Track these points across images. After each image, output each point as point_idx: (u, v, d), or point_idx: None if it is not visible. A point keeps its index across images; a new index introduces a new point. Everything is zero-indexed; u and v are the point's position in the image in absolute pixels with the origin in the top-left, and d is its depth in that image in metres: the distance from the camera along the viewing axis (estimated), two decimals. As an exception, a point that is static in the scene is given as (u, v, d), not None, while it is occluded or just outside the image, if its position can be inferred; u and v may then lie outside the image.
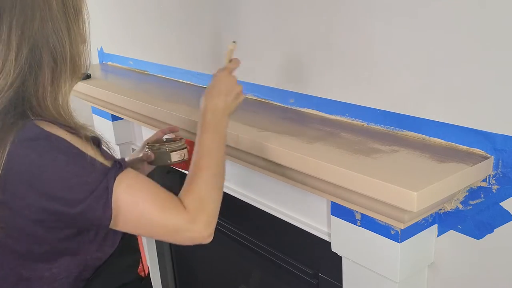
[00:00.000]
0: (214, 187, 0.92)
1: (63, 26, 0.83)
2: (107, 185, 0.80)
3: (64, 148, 0.79)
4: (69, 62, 0.84)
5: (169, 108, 1.40)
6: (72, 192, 0.78)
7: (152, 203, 0.84)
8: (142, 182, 0.86)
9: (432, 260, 1.08)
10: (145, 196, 0.84)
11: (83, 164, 0.79)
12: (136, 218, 0.83)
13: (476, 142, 0.96)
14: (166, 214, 0.84)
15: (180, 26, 1.65)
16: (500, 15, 0.86)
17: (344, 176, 0.95)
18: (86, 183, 0.79)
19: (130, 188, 0.83)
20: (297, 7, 1.22)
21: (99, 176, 0.80)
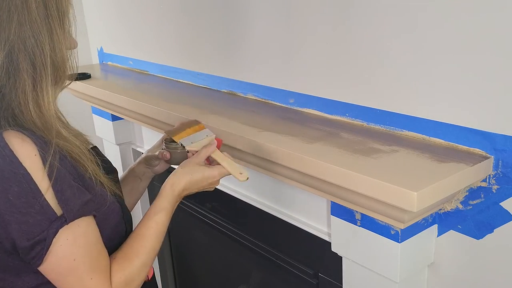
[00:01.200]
0: (146, 269, 0.91)
1: (43, 29, 0.79)
2: (46, 236, 0.78)
3: (21, 178, 0.76)
4: (51, 68, 0.80)
5: (169, 108, 1.40)
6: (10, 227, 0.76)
7: (87, 264, 0.82)
8: (86, 240, 0.83)
9: (432, 260, 1.08)
10: (83, 255, 0.82)
11: (32, 204, 0.76)
12: (65, 271, 0.81)
13: (476, 142, 0.96)
14: (92, 281, 0.83)
15: (180, 26, 1.65)
16: (498, 15, 0.86)
17: (344, 176, 0.94)
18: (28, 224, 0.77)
19: (72, 242, 0.80)
20: (297, 7, 1.22)
21: (44, 222, 0.77)
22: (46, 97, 0.81)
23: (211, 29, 1.52)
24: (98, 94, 1.75)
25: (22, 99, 0.79)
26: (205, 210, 1.73)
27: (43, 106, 0.81)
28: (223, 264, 1.84)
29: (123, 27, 1.98)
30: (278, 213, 1.35)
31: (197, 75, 1.65)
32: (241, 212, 1.53)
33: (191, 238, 1.99)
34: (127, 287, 0.87)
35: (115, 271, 0.87)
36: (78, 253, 0.81)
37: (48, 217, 0.78)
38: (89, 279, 0.82)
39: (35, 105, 0.80)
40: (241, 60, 1.44)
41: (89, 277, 0.82)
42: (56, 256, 0.80)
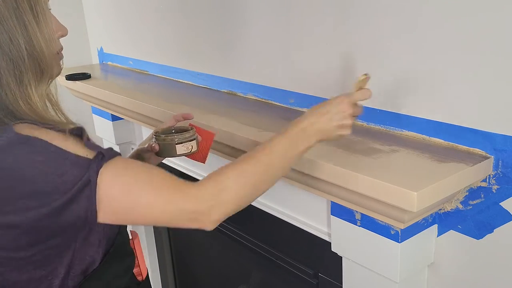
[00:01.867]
0: (246, 183, 0.83)
1: (14, 23, 0.76)
2: (89, 178, 0.75)
3: (41, 148, 0.75)
4: (29, 61, 0.78)
5: (169, 108, 1.40)
6: (55, 191, 0.74)
7: (146, 187, 0.79)
8: (133, 169, 0.80)
9: (432, 260, 1.08)
10: (137, 182, 0.79)
11: (62, 162, 0.75)
12: (129, 206, 0.78)
13: (476, 142, 0.96)
14: (164, 196, 0.79)
15: (180, 26, 1.65)
16: (497, 15, 0.86)
17: (344, 176, 0.94)
18: (67, 181, 0.74)
19: (118, 176, 0.78)
20: (297, 7, 1.22)
21: (81, 170, 0.75)
22: (32, 91, 0.79)
23: (211, 29, 1.52)
24: (98, 94, 1.75)
25: (10, 97, 0.78)
26: (205, 210, 1.73)
27: (32, 100, 0.79)
28: (223, 264, 1.84)
29: (123, 27, 1.98)
30: (278, 213, 1.35)
31: (197, 75, 1.65)
32: (241, 212, 1.53)
33: (191, 238, 1.99)
34: (219, 190, 0.81)
35: (207, 176, 0.81)
36: (130, 183, 0.78)
37: (83, 165, 0.76)
38: (157, 195, 0.78)
39: (24, 101, 0.78)
40: (241, 60, 1.44)
41: (157, 193, 0.78)
42: (110, 197, 0.77)
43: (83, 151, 0.78)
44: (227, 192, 0.82)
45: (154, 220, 0.83)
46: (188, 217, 0.81)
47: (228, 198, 0.82)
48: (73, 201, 0.75)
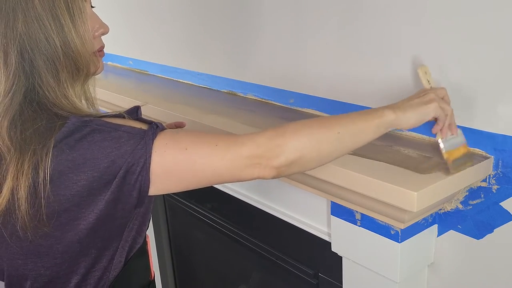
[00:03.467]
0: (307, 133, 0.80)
1: (50, 23, 0.77)
2: (145, 146, 0.76)
3: (98, 127, 0.77)
4: (65, 60, 0.79)
5: (169, 108, 1.40)
6: (114, 163, 0.75)
7: (202, 142, 0.79)
8: (187, 131, 0.82)
9: (432, 260, 1.08)
10: (192, 140, 0.79)
11: (119, 135, 0.76)
12: (188, 164, 0.78)
13: (476, 142, 0.96)
14: (221, 145, 0.78)
15: (180, 26, 1.65)
16: (498, 14, 0.86)
17: (344, 176, 0.94)
18: (126, 152, 0.76)
19: (173, 138, 0.79)
20: (299, 7, 1.22)
21: (137, 140, 0.76)
22: (70, 89, 0.81)
23: (211, 29, 1.52)
24: (98, 94, 1.74)
25: (53, 95, 0.79)
26: (205, 210, 1.73)
27: (71, 98, 0.81)
28: (223, 264, 1.84)
29: (123, 27, 1.98)
30: (278, 213, 1.35)
31: (197, 75, 1.65)
32: (241, 212, 1.53)
33: (191, 238, 1.99)
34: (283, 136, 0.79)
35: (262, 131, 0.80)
36: (186, 142, 0.78)
37: (138, 134, 0.77)
38: (214, 146, 0.78)
39: (64, 98, 0.80)
40: (241, 60, 1.44)
41: (214, 144, 0.78)
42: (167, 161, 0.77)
43: (138, 124, 0.80)
44: (285, 138, 0.79)
45: (212, 174, 0.80)
46: (247, 162, 0.79)
47: (286, 143, 0.79)
48: (129, 171, 0.76)
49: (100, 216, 0.79)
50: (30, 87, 0.78)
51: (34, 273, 0.84)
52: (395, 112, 0.83)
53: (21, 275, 0.85)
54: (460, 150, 0.92)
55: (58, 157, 0.75)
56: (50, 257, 0.82)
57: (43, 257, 0.82)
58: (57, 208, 0.76)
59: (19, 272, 0.85)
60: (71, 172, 0.75)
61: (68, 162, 0.75)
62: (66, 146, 0.75)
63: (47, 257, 0.82)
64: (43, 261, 0.83)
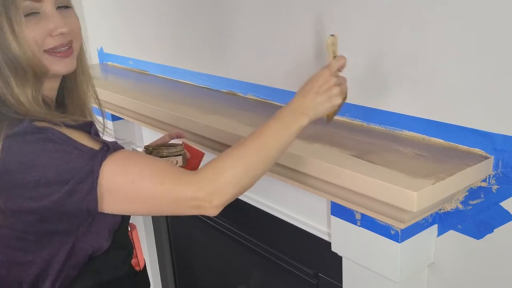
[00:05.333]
0: (242, 167, 0.84)
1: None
2: (92, 168, 0.79)
3: (53, 136, 0.80)
4: (6, 66, 0.83)
5: (169, 108, 1.40)
6: (60, 176, 0.78)
7: (149, 177, 0.82)
8: (136, 160, 0.84)
9: (432, 260, 1.08)
10: (140, 172, 0.82)
11: (70, 150, 0.80)
12: (133, 195, 0.82)
13: (476, 142, 0.96)
14: (166, 185, 0.81)
15: (180, 26, 1.65)
16: (497, 16, 0.86)
17: (344, 176, 0.94)
18: (73, 168, 0.79)
19: (122, 167, 0.81)
20: (297, 7, 1.22)
21: (86, 160, 0.80)
22: (19, 90, 0.84)
23: (211, 29, 1.52)
24: (98, 94, 1.75)
25: (7, 100, 0.84)
26: (205, 210, 1.73)
27: (24, 101, 0.84)
28: (223, 264, 1.84)
29: (123, 27, 1.98)
30: (278, 213, 1.35)
31: (197, 75, 1.65)
32: (241, 212, 1.53)
33: (191, 238, 1.99)
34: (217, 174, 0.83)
35: (203, 167, 0.84)
36: (133, 173, 0.81)
37: (89, 154, 0.81)
38: (159, 185, 0.81)
39: (18, 102, 0.84)
40: (241, 60, 1.44)
41: (159, 183, 0.81)
42: (112, 191, 0.81)
43: (90, 143, 0.83)
44: (224, 177, 0.83)
45: (157, 209, 0.85)
46: (190, 204, 0.83)
47: (226, 182, 0.83)
48: (75, 190, 0.79)
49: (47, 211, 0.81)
50: None
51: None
52: (309, 116, 0.89)
53: None
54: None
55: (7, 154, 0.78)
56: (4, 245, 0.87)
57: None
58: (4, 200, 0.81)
59: None
60: (19, 173, 0.79)
61: (16, 162, 0.78)
62: (16, 143, 0.79)
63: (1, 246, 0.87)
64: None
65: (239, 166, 0.84)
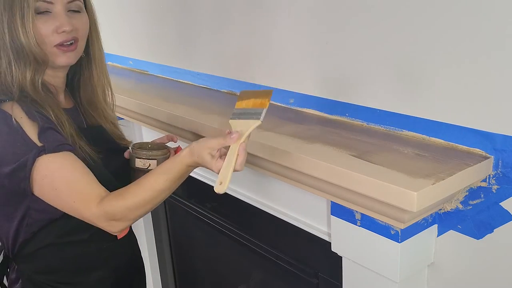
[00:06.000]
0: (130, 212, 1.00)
1: (5, 20, 1.00)
2: (27, 160, 0.96)
3: (9, 123, 0.98)
4: (11, 51, 1.01)
5: (169, 108, 1.40)
6: (5, 156, 0.98)
7: (67, 192, 1.00)
8: (64, 174, 1.00)
9: (432, 260, 1.08)
10: (61, 185, 0.99)
11: (18, 138, 0.98)
12: (53, 196, 1.00)
13: (476, 142, 0.96)
14: (77, 204, 0.99)
15: (180, 26, 1.65)
16: (497, 16, 0.86)
17: (344, 176, 0.94)
18: (15, 153, 0.97)
19: (51, 173, 0.98)
20: (296, 7, 1.22)
21: (27, 150, 0.97)
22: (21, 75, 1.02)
23: (211, 29, 1.52)
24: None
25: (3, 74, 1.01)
26: (205, 210, 1.73)
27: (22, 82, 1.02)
28: (223, 264, 1.84)
29: (123, 27, 1.98)
30: (278, 213, 1.35)
31: (197, 75, 1.65)
32: (241, 212, 1.53)
33: (191, 238, 1.99)
34: (107, 216, 0.99)
35: (106, 200, 0.99)
36: (58, 183, 0.99)
37: (30, 147, 0.98)
38: (72, 202, 1.00)
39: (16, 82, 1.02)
40: (241, 60, 1.44)
41: (72, 200, 0.99)
42: (40, 187, 0.99)
43: (35, 139, 0.98)
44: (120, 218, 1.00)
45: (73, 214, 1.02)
46: (94, 222, 1.01)
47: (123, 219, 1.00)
48: (14, 173, 0.97)
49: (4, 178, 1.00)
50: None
51: None
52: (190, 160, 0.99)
53: None
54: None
55: None
56: None
57: None
58: None
59: None
60: None
61: None
62: None
63: None
64: None
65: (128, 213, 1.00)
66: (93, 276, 1.16)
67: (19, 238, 1.09)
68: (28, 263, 1.12)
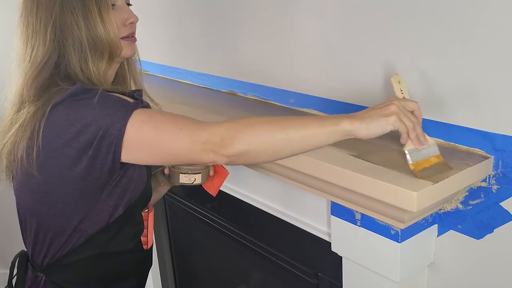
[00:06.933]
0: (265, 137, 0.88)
1: (80, 14, 0.97)
2: (125, 113, 0.91)
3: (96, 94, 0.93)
4: (88, 44, 0.98)
5: (168, 108, 1.40)
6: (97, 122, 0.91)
7: (171, 123, 0.93)
8: (163, 112, 0.97)
9: (432, 260, 1.08)
10: (163, 121, 0.93)
11: (108, 101, 0.93)
12: (156, 140, 0.93)
13: (476, 142, 0.96)
14: (185, 129, 0.92)
15: (180, 26, 1.65)
16: (496, 15, 0.86)
17: (344, 176, 0.94)
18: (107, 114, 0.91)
19: (149, 116, 0.93)
20: (295, 8, 1.23)
21: (119, 107, 0.92)
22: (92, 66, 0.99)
23: (211, 29, 1.52)
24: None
25: (73, 68, 0.98)
26: (205, 210, 1.73)
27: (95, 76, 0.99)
28: (223, 264, 1.84)
29: (123, 27, 1.97)
30: (278, 213, 1.35)
31: (197, 75, 1.65)
32: (241, 212, 1.53)
33: (191, 238, 1.99)
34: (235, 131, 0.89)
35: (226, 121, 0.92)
36: (158, 121, 0.93)
37: (122, 103, 0.94)
38: (178, 129, 0.92)
39: (82, 72, 0.99)
40: (241, 60, 1.44)
41: (178, 127, 0.92)
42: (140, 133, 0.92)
43: (129, 99, 0.97)
44: (238, 131, 0.89)
45: (173, 152, 0.94)
46: (203, 147, 0.90)
47: (238, 136, 0.89)
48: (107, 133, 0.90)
49: (82, 169, 0.93)
50: (60, 60, 0.99)
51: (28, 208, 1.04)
52: (352, 122, 0.85)
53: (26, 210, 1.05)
54: (430, 160, 0.91)
55: (55, 112, 0.92)
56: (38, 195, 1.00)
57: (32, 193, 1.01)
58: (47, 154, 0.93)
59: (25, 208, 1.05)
60: (64, 124, 0.91)
61: (63, 115, 0.92)
62: (64, 104, 0.92)
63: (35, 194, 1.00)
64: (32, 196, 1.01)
65: (254, 130, 0.89)
66: (122, 286, 1.13)
67: (66, 246, 1.03)
68: (63, 273, 1.06)
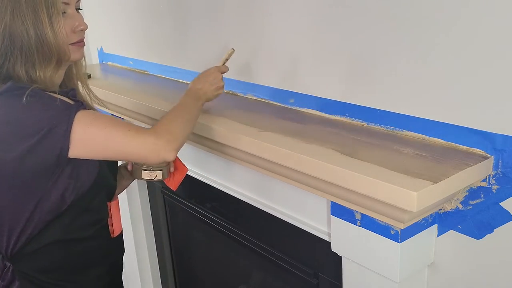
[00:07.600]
0: (182, 124, 1.11)
1: (30, 23, 1.00)
2: (69, 114, 0.99)
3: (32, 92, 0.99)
4: (36, 50, 1.02)
5: (168, 108, 1.40)
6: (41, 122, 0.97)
7: (119, 125, 1.03)
8: (106, 115, 1.05)
9: (432, 260, 1.08)
10: (111, 121, 1.03)
11: (50, 103, 0.99)
12: (104, 140, 1.01)
13: (476, 142, 0.96)
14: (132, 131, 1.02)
15: (180, 26, 1.65)
16: (496, 16, 0.87)
17: (344, 176, 0.95)
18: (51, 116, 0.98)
19: (95, 117, 1.02)
20: (296, 8, 1.23)
21: (62, 109, 0.99)
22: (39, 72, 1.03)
23: (211, 29, 1.52)
24: (98, 94, 1.74)
25: (17, 72, 1.03)
26: (205, 210, 1.73)
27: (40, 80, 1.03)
28: (223, 264, 1.84)
29: (123, 27, 1.98)
30: (278, 213, 1.35)
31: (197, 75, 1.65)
32: (241, 212, 1.53)
33: (191, 238, 1.99)
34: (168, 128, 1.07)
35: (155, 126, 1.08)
36: (105, 122, 1.02)
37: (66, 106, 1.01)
38: (127, 131, 1.02)
39: (28, 77, 1.03)
40: (241, 60, 1.44)
41: (127, 129, 1.03)
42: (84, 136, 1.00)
43: (68, 101, 1.03)
44: (174, 131, 1.07)
45: (123, 152, 1.05)
46: (152, 148, 1.03)
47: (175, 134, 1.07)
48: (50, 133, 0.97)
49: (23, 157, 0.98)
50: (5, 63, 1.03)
51: None
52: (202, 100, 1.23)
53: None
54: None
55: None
56: None
57: None
58: None
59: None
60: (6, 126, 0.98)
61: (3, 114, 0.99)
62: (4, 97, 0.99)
63: None
64: None
65: (180, 125, 1.10)
66: (92, 273, 1.18)
67: (23, 235, 1.08)
68: (29, 261, 1.11)
